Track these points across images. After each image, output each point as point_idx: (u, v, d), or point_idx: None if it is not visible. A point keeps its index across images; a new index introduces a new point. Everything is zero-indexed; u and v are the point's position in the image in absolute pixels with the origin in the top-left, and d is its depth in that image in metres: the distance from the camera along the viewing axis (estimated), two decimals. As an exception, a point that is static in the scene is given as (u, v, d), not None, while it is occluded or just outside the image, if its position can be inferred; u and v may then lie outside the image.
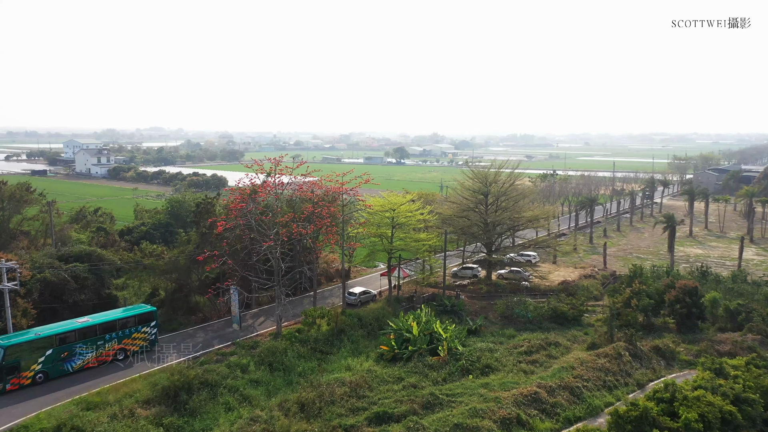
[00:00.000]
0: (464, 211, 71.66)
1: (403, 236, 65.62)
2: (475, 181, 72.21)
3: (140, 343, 50.14)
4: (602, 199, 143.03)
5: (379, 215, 64.38)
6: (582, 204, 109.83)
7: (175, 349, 52.00)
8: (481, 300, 69.48)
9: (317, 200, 59.21)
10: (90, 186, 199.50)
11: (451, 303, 62.35)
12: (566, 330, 59.09)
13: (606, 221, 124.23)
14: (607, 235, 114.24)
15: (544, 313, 61.40)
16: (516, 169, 77.19)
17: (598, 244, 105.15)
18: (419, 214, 65.60)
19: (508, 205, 71.55)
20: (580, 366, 46.56)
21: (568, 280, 74.29)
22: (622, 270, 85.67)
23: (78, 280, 58.42)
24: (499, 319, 62.95)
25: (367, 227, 65.13)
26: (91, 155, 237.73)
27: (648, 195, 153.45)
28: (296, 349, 50.48)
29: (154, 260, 57.02)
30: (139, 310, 51.14)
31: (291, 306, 64.32)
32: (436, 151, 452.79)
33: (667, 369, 50.06)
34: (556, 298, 64.53)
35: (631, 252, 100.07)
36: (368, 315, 58.87)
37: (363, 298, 65.96)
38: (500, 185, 71.50)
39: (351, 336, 54.63)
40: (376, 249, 65.36)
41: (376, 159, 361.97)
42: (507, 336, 56.64)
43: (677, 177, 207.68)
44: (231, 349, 51.78)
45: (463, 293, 71.24)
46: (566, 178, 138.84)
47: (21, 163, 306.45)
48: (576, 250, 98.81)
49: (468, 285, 73.95)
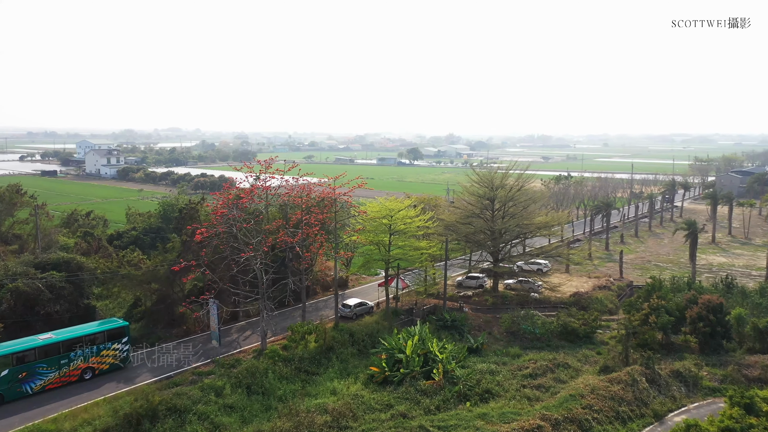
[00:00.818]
0: (468, 217, 66.88)
1: (402, 244, 61.18)
2: (481, 185, 67.39)
3: (110, 361, 46.29)
4: (619, 203, 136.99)
5: (375, 221, 59.95)
6: (597, 208, 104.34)
7: (150, 367, 48.14)
8: (486, 313, 64.74)
9: (305, 206, 54.93)
10: (97, 187, 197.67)
11: (452, 317, 57.70)
12: (577, 348, 54.17)
13: (623, 226, 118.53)
14: (625, 241, 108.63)
15: (553, 330, 56.52)
16: (526, 170, 72.16)
17: (615, 251, 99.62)
18: (419, 221, 61.06)
19: (516, 211, 66.66)
20: (591, 394, 41.69)
21: (580, 292, 69.21)
22: (640, 280, 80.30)
23: (53, 290, 54.89)
24: (504, 335, 58.18)
25: (363, 234, 60.71)
26: (100, 156, 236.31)
27: (668, 198, 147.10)
28: (279, 369, 46.25)
29: (132, 269, 53.13)
30: (110, 325, 47.28)
31: (281, 318, 60.29)
32: (451, 152, 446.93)
33: (689, 397, 44.97)
34: (567, 312, 59.58)
35: (649, 260, 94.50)
36: (361, 330, 54.47)
37: (358, 310, 61.60)
38: (508, 190, 66.62)
39: (340, 354, 50.27)
40: (373, 258, 60.89)
41: (389, 160, 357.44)
42: (511, 355, 51.88)
43: (699, 179, 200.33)
44: (210, 367, 47.71)
45: (467, 305, 66.56)
46: (581, 181, 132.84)
47: (35, 164, 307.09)
48: (590, 258, 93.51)
49: (473, 296, 69.22)
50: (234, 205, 50.18)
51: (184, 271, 48.92)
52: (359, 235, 61.08)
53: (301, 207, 54.46)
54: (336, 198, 57.82)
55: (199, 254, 49.83)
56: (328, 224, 55.57)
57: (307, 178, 62.36)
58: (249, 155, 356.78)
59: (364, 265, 63.20)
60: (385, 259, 60.03)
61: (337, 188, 58.25)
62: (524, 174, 70.33)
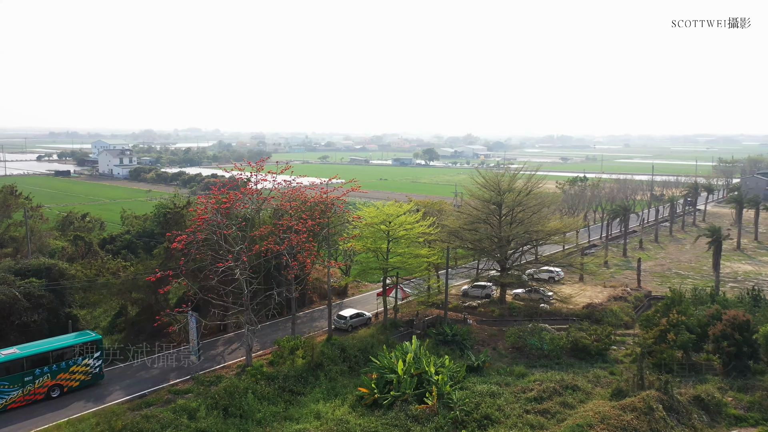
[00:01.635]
0: (473, 222, 62.69)
1: (401, 251, 57.27)
2: (487, 188, 63.16)
3: (81, 378, 43.13)
4: (639, 206, 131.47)
5: (372, 227, 56.13)
6: (614, 212, 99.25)
7: (125, 383, 44.91)
8: (492, 325, 60.60)
9: (292, 211, 51.29)
10: (108, 187, 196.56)
11: (453, 331, 53.66)
12: (588, 367, 49.81)
13: (642, 231, 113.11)
14: (644, 247, 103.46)
15: (562, 346, 52.22)
16: (537, 172, 67.79)
17: (633, 257, 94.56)
18: (419, 227, 57.11)
19: (525, 217, 62.36)
20: (600, 423, 37.45)
21: (593, 303, 64.69)
22: (659, 289, 75.49)
23: (32, 299, 51.98)
24: (509, 350, 54.03)
25: (359, 241, 56.93)
26: (113, 156, 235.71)
27: (690, 201, 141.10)
28: (261, 389, 42.66)
29: (111, 277, 50.02)
30: (81, 338, 44.09)
31: (272, 329, 56.97)
32: (468, 153, 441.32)
33: (711, 426, 40.45)
34: (578, 326, 55.22)
35: (669, 267, 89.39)
36: (354, 345, 50.70)
37: (354, 321, 57.91)
38: (516, 193, 62.35)
39: (329, 372, 46.54)
40: (370, 267, 57.10)
41: (405, 160, 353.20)
42: (516, 375, 47.72)
43: (723, 181, 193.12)
44: (188, 384, 44.40)
45: (472, 316, 62.49)
46: (598, 183, 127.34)
47: (52, 164, 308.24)
48: (607, 265, 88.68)
49: (478, 307, 65.07)
50: (217, 210, 46.82)
51: (161, 281, 45.56)
52: (355, 242, 57.35)
53: (288, 212, 50.85)
54: (327, 202, 53.97)
55: (189, 261, 46.57)
56: (317, 231, 51.87)
57: (300, 180, 58.91)
58: (263, 155, 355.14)
59: (359, 274, 59.35)
60: (383, 267, 56.16)
61: (329, 191, 54.44)
62: (535, 176, 65.95)
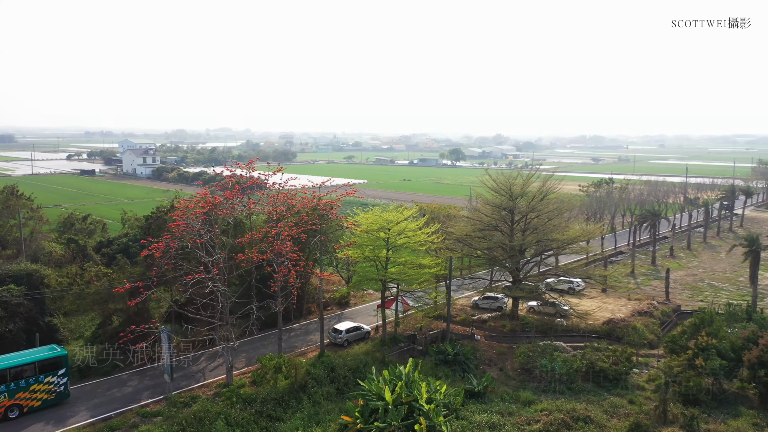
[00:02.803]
0: (482, 230, 57.63)
1: (402, 260, 52.80)
2: (497, 192, 58.09)
3: (43, 397, 39.74)
4: (670, 210, 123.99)
5: (370, 234, 51.74)
6: (642, 217, 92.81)
7: (94, 402, 41.43)
8: (502, 342, 55.68)
9: (277, 217, 47.19)
10: (129, 187, 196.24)
11: (455, 350, 48.90)
12: (605, 394, 44.59)
13: (674, 237, 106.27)
14: (675, 254, 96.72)
15: (576, 368, 47.01)
16: (555, 173, 62.58)
17: (662, 266, 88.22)
18: (422, 234, 52.51)
19: (540, 224, 57.14)
20: (612, 468, 32.41)
21: (615, 319, 59.08)
22: (689, 303, 69.42)
23: (8, 307, 49.10)
24: (517, 372, 49.08)
25: (356, 249, 52.61)
26: (137, 155, 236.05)
27: (727, 205, 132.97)
28: (235, 413, 38.68)
29: (85, 286, 46.72)
30: (43, 354, 40.69)
31: (261, 344, 53.07)
32: (496, 153, 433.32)
33: (745, 472, 35.01)
34: (595, 347, 49.91)
35: (702, 278, 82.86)
36: (345, 363, 46.38)
37: (351, 336, 53.61)
38: (530, 198, 57.21)
39: (314, 395, 42.30)
40: (367, 277, 52.74)
41: (431, 161, 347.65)
42: (522, 402, 42.80)
43: (763, 184, 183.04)
44: (159, 406, 40.71)
45: (481, 331, 57.64)
46: (626, 185, 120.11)
47: (81, 163, 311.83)
48: (633, 274, 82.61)
49: (488, 320, 60.11)
50: (197, 215, 43.05)
51: (133, 293, 41.96)
52: (352, 250, 53.05)
53: (278, 218, 46.87)
54: (320, 207, 49.77)
55: (162, 271, 43.00)
56: (305, 239, 47.72)
57: (294, 182, 55.00)
58: (289, 155, 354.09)
59: (355, 284, 54.91)
60: (381, 278, 51.75)
61: (322, 195, 50.31)
62: (552, 177, 60.52)
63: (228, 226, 46.31)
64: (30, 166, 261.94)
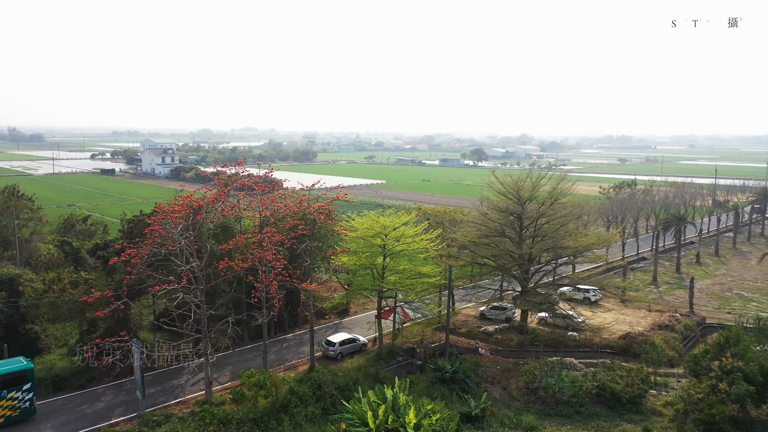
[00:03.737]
0: (487, 236, 53.66)
1: (401, 268, 49.29)
2: (505, 196, 54.09)
3: (6, 413, 37.15)
4: (698, 213, 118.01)
5: (365, 241, 48.33)
6: (666, 222, 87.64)
7: (60, 420, 38.74)
8: (508, 356, 51.79)
9: (257, 222, 43.94)
10: (146, 186, 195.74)
11: (454, 367, 45.16)
12: (617, 419, 40.58)
13: (701, 242, 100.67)
14: (701, 261, 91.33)
15: (586, 390, 42.97)
16: (568, 173, 58.30)
17: (688, 273, 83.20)
18: (421, 241, 48.92)
19: (551, 230, 53.01)
20: None
21: (632, 333, 54.66)
22: (715, 315, 64.68)
23: (-15, 313, 46.90)
24: (522, 392, 45.22)
25: (351, 256, 49.24)
26: (155, 155, 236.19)
27: (758, 209, 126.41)
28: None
29: (59, 294, 44.14)
30: (7, 368, 38.09)
31: (253, 355, 50.05)
32: (519, 153, 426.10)
33: None
34: (607, 365, 45.75)
35: (730, 287, 77.62)
36: (334, 380, 43.02)
37: (345, 348, 50.22)
38: (540, 202, 53.15)
39: (296, 415, 39.05)
40: (362, 286, 49.31)
41: (452, 161, 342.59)
42: (523, 427, 39.00)
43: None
44: (130, 425, 37.85)
45: (486, 345, 53.83)
46: (649, 187, 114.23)
47: (105, 162, 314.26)
48: (656, 283, 77.75)
49: (495, 332, 56.18)
50: (174, 222, 40.11)
51: (102, 303, 39.14)
52: (347, 257, 49.67)
53: (254, 224, 43.69)
54: (309, 211, 46.43)
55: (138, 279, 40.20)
56: (287, 245, 44.43)
57: (286, 186, 51.63)
58: (309, 155, 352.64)
59: (348, 293, 51.37)
60: (378, 288, 48.30)
61: (310, 199, 47.02)
62: (566, 179, 56.36)
63: (212, 231, 43.38)
64: (54, 165, 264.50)
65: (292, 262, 52.21)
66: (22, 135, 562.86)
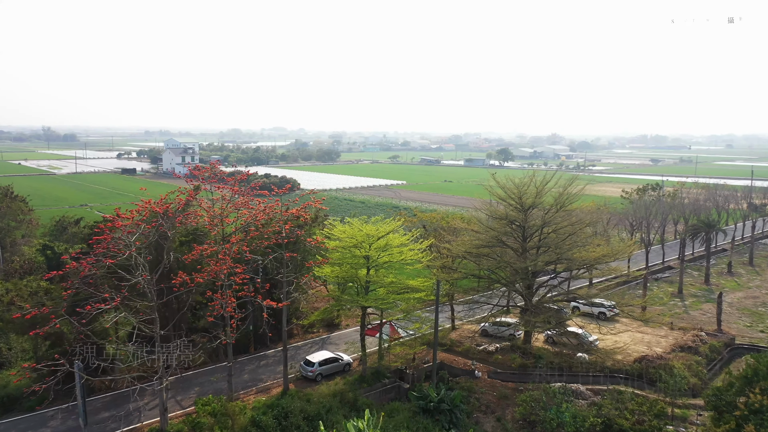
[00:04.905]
0: (485, 246, 48.37)
1: (388, 281, 44.58)
2: (506, 202, 48.76)
3: (-66, 442, 33.65)
4: (731, 218, 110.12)
5: (347, 251, 43.71)
6: (694, 229, 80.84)
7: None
8: (508, 380, 46.61)
9: (215, 232, 39.52)
10: (163, 185, 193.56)
11: (441, 395, 40.16)
12: (624, 462, 35.09)
13: (733, 250, 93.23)
14: (733, 271, 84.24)
15: (589, 426, 37.60)
16: (579, 175, 52.72)
17: (718, 285, 76.47)
18: (409, 252, 44.08)
19: (557, 241, 47.51)
20: None
21: (650, 356, 48.72)
22: (747, 334, 58.35)
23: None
24: (518, 425, 40.07)
25: (333, 268, 44.68)
26: (175, 154, 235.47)
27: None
28: (149, 475, 31.46)
29: (5, 307, 40.54)
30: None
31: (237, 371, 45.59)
32: (548, 153, 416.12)
33: None
34: (616, 398, 40.21)
35: (765, 301, 70.70)
36: (303, 409, 38.44)
37: (326, 369, 45.62)
38: (545, 210, 47.69)
39: (255, 451, 34.64)
40: (342, 301, 44.69)
41: (477, 161, 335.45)
42: (513, 471, 33.86)
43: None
44: (69, 458, 34.00)
45: (485, 366, 48.73)
46: (678, 189, 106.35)
47: (131, 161, 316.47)
48: (681, 295, 71.30)
49: (496, 352, 50.91)
50: (127, 229, 36.10)
51: (42, 320, 35.26)
52: (330, 268, 45.12)
53: (209, 235, 39.38)
54: (279, 220, 41.95)
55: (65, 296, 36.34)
56: (248, 258, 40.02)
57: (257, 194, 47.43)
58: (333, 155, 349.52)
59: (325, 311, 46.56)
60: (359, 303, 43.61)
61: (274, 207, 42.57)
62: (576, 181, 50.65)
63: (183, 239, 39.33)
64: (81, 163, 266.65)
65: (266, 275, 47.96)
66: (56, 135, 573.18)
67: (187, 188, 46.51)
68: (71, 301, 36.46)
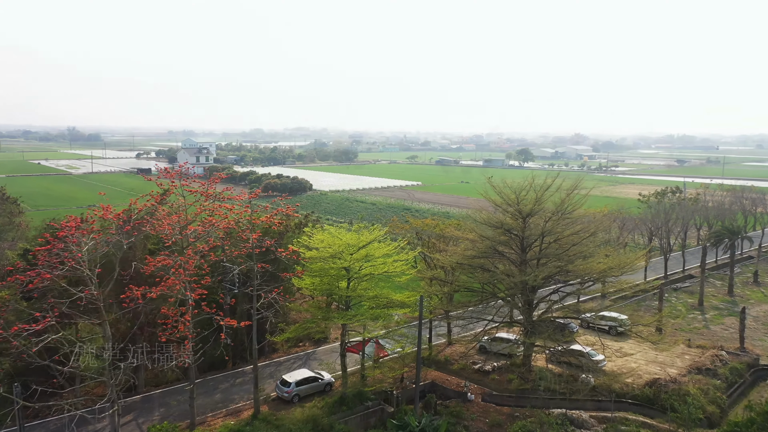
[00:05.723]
0: (479, 257, 44.19)
1: (372, 294, 40.83)
2: (503, 209, 44.57)
3: None
4: (758, 223, 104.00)
5: (326, 261, 40.02)
6: (716, 236, 75.44)
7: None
8: (503, 404, 42.55)
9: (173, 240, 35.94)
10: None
11: (422, 425, 36.20)
12: (626, 508, 30.80)
13: (760, 258, 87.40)
14: (760, 281, 78.57)
15: (588, 463, 33.35)
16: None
17: (743, 296, 71.17)
18: (393, 263, 40.24)
19: (559, 252, 43.18)
20: None
21: (662, 379, 44.02)
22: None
23: None
24: (509, 458, 35.90)
25: (312, 279, 41.05)
26: (190, 154, 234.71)
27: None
28: None
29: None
30: None
31: (209, 390, 42.50)
32: (570, 153, 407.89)
33: None
34: (622, 427, 35.86)
35: (794, 315, 65.29)
36: (269, 437, 34.87)
37: (304, 389, 41.96)
38: (546, 218, 43.39)
39: (209, 487, 31.15)
40: (316, 318, 41.03)
41: (497, 161, 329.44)
42: None
43: None
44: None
45: (478, 387, 44.71)
46: (701, 193, 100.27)
47: (150, 161, 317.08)
48: (702, 307, 66.23)
49: (492, 372, 46.76)
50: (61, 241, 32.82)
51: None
52: (309, 280, 41.48)
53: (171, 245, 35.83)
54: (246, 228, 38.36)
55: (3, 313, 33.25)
56: (206, 270, 36.52)
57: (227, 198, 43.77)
58: (350, 155, 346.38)
59: (297, 329, 42.72)
60: (336, 320, 39.92)
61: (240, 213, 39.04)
62: (580, 184, 46.26)
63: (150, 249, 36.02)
64: (99, 163, 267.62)
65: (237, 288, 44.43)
66: (81, 135, 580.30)
67: (156, 192, 43.06)
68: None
